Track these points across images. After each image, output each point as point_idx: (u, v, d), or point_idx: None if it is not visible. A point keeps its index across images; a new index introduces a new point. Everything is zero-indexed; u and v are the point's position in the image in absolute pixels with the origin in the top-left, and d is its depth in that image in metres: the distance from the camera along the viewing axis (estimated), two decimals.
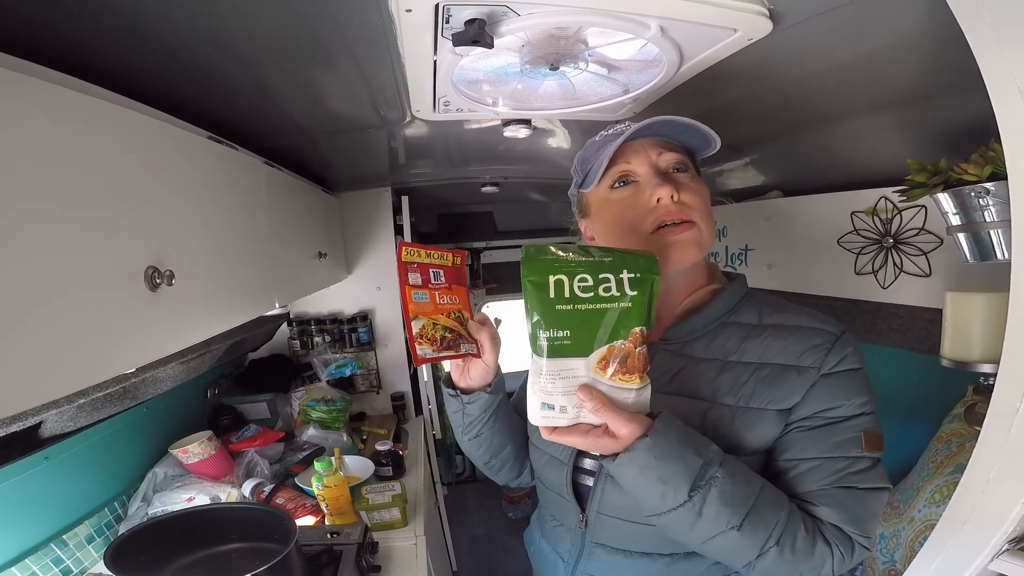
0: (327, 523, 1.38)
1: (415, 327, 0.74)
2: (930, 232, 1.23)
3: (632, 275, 0.62)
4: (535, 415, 0.63)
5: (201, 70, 0.92)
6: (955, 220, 0.97)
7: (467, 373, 0.80)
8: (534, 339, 0.61)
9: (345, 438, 1.90)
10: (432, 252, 0.80)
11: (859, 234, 1.39)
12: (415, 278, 0.77)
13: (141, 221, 0.71)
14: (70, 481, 1.21)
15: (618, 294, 0.61)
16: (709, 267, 0.86)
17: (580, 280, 0.61)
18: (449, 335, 0.76)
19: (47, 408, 0.95)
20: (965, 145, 0.94)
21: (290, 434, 1.89)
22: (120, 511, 1.36)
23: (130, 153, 0.70)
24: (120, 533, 1.21)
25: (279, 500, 1.46)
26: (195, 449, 1.50)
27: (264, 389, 2.07)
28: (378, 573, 1.24)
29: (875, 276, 1.37)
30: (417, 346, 0.74)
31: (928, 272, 1.24)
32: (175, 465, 1.51)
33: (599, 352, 0.62)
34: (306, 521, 1.41)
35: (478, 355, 0.78)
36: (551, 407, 0.62)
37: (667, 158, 0.77)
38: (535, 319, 0.61)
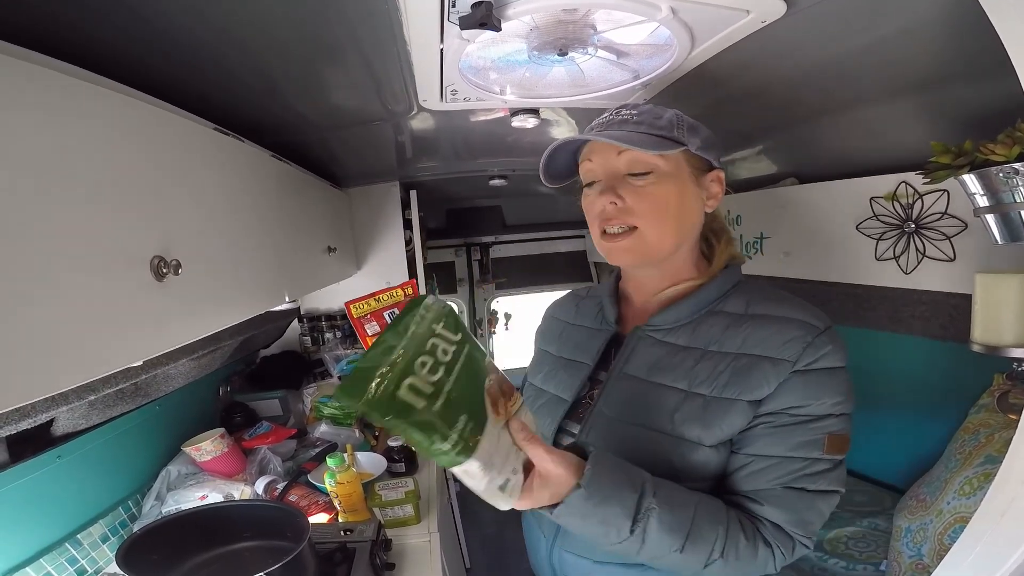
0: (340, 520, 1.37)
1: None
2: (953, 216, 1.19)
3: (441, 322, 0.56)
4: (502, 501, 0.59)
5: (207, 61, 0.91)
6: (982, 202, 0.94)
7: None
8: (454, 447, 0.52)
9: (357, 434, 1.89)
10: (380, 295, 0.78)
11: (879, 220, 1.35)
12: (373, 328, 0.75)
13: (146, 210, 0.70)
14: (83, 480, 1.21)
15: (451, 347, 0.55)
16: (718, 255, 0.83)
17: (420, 366, 0.52)
18: None
19: (58, 405, 0.94)
20: (986, 128, 0.91)
21: (302, 431, 1.88)
22: (134, 510, 1.37)
23: (135, 142, 0.69)
24: (132, 532, 1.21)
25: (292, 497, 1.45)
26: (208, 447, 1.50)
27: (276, 386, 2.07)
28: (392, 571, 1.23)
29: (896, 261, 1.33)
30: None
31: (952, 256, 1.20)
32: (188, 463, 1.51)
33: (487, 404, 0.57)
34: (319, 518, 1.40)
35: None
36: (506, 482, 0.58)
37: (625, 158, 0.77)
38: (429, 433, 0.50)
